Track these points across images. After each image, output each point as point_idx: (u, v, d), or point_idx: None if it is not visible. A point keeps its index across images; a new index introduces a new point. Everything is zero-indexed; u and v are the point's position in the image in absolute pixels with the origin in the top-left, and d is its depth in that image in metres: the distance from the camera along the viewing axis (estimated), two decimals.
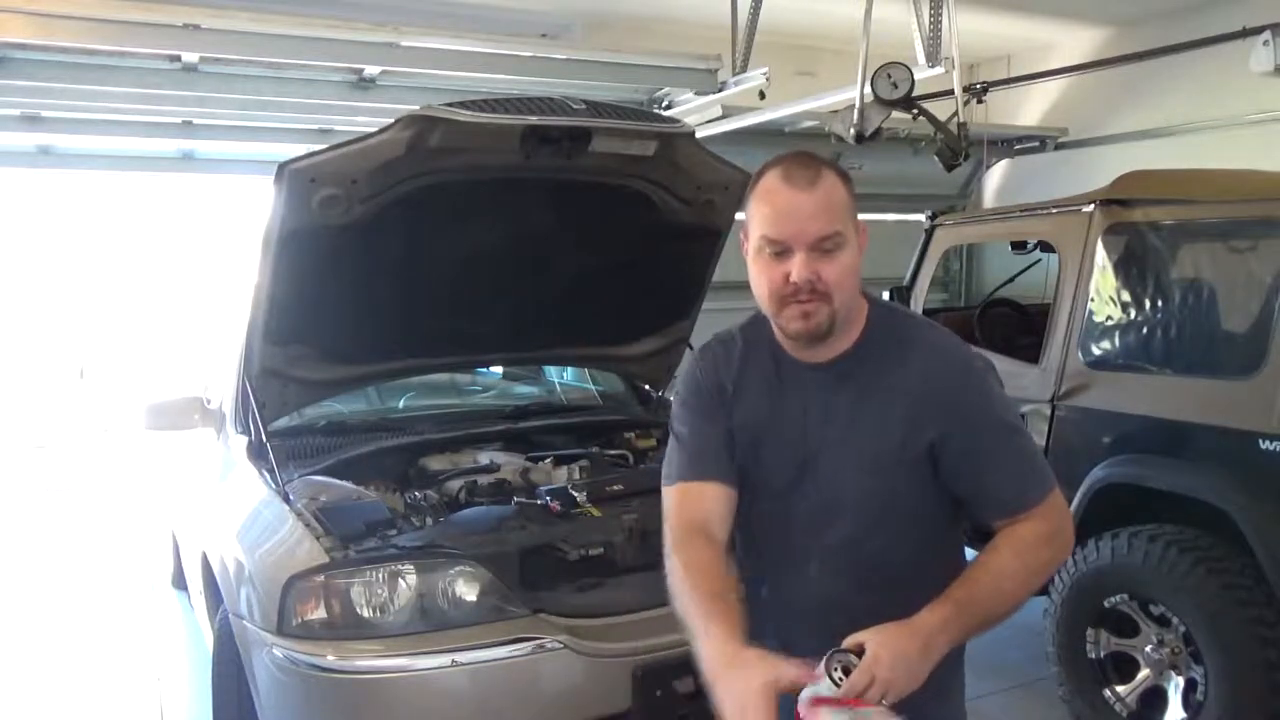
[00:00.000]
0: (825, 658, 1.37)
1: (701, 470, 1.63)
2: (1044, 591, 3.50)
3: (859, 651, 1.37)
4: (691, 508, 1.61)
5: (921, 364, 1.58)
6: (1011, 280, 5.27)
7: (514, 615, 2.54)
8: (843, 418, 1.60)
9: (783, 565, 1.67)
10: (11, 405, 9.98)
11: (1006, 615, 1.51)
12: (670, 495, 1.65)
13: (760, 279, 1.56)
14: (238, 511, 2.97)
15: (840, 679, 1.35)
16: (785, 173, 1.53)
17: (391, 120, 2.77)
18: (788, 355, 1.64)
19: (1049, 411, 3.75)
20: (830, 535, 1.62)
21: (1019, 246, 4.82)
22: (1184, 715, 3.21)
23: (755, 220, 1.55)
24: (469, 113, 2.73)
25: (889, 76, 4.65)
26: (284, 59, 5.05)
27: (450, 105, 2.75)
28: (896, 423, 1.56)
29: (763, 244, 1.53)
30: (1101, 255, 3.65)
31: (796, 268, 1.50)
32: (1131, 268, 3.59)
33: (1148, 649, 3.32)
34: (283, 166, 2.73)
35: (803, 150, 1.59)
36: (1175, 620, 3.20)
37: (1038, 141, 8.02)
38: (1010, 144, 8.03)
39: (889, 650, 1.35)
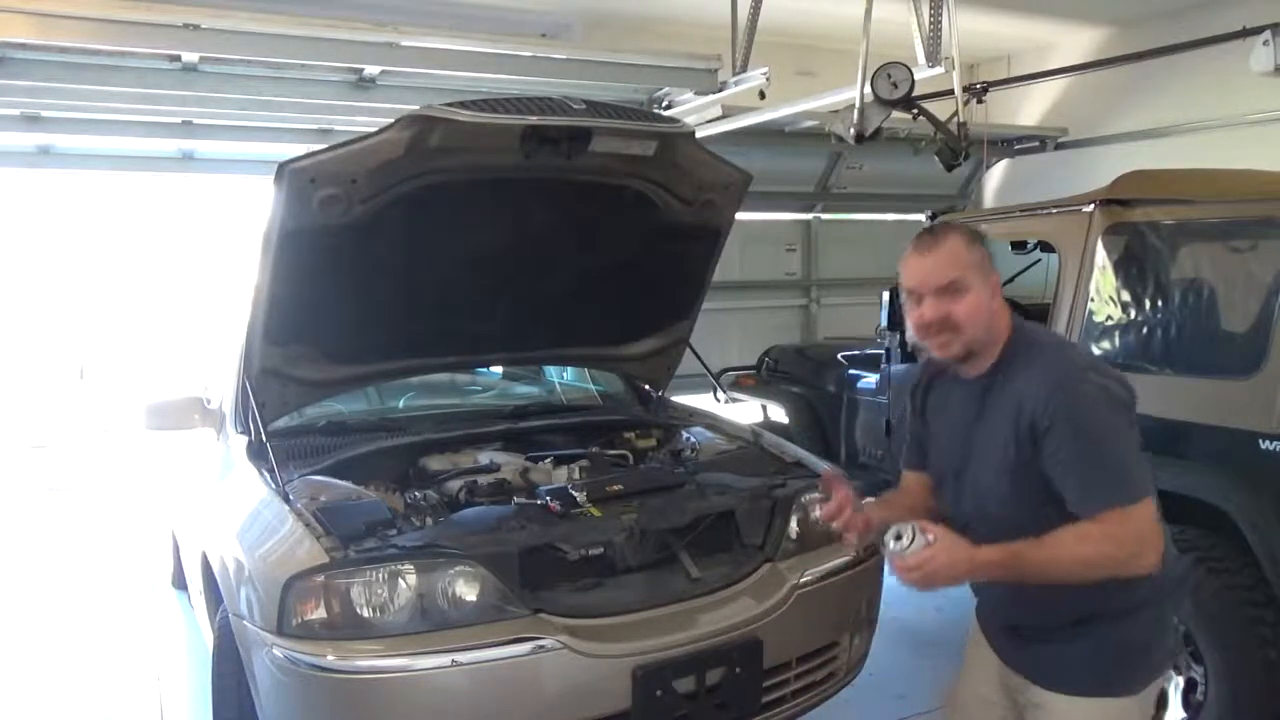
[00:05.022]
0: (899, 525, 1.82)
1: (905, 461, 2.30)
2: None
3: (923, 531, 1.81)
4: (902, 486, 2.28)
5: (1032, 379, 1.91)
6: (1011, 280, 5.26)
7: (514, 615, 2.54)
8: (984, 426, 1.99)
9: (955, 527, 1.99)
10: (11, 405, 9.98)
11: (1056, 580, 1.84)
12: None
13: (908, 321, 2.03)
14: (238, 511, 2.97)
15: (898, 541, 1.80)
16: (915, 242, 2.01)
17: (391, 120, 2.77)
18: (959, 374, 2.07)
19: None
20: (982, 522, 1.98)
21: (1019, 246, 4.81)
22: (1184, 715, 3.21)
23: (901, 279, 2.02)
24: (469, 113, 2.74)
25: (889, 76, 4.65)
26: (284, 59, 5.04)
27: (450, 105, 2.76)
28: (1011, 432, 1.92)
29: (905, 294, 2.01)
30: (1101, 255, 3.64)
31: (926, 309, 1.96)
32: (1131, 268, 3.58)
33: None
34: (283, 166, 2.73)
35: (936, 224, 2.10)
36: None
37: (1038, 141, 8.02)
38: (1010, 144, 8.03)
39: (945, 554, 1.79)
